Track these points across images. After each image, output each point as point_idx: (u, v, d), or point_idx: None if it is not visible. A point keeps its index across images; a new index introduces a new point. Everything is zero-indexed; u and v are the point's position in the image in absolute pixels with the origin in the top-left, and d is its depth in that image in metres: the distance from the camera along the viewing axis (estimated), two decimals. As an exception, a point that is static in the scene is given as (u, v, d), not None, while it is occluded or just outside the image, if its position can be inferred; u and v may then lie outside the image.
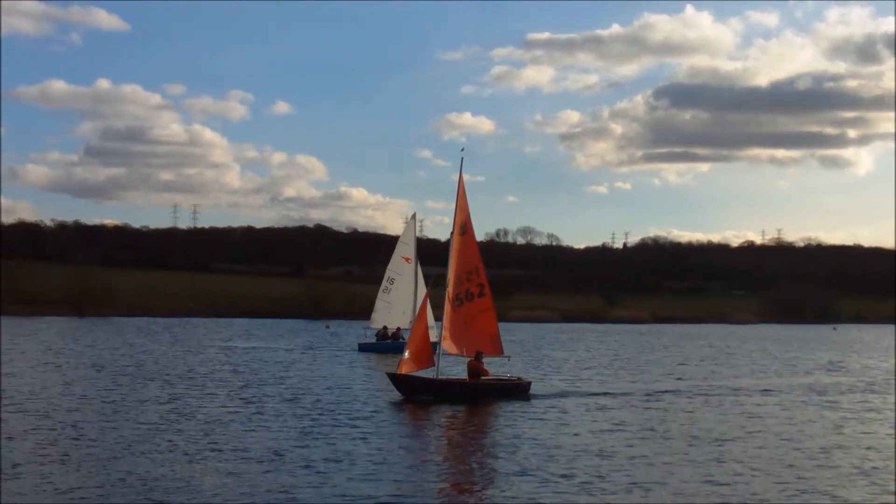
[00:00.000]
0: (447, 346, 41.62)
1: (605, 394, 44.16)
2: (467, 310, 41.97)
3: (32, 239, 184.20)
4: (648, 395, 44.55)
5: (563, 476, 24.52)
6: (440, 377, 41.03)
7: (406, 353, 40.39)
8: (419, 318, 41.54)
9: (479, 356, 41.38)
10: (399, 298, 72.84)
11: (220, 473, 24.22)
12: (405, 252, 74.59)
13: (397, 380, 40.46)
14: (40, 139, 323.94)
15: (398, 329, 72.68)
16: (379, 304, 73.79)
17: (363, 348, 72.49)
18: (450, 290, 41.82)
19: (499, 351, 42.52)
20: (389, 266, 74.72)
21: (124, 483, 22.69)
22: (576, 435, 31.46)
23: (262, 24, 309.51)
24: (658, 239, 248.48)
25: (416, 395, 40.02)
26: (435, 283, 45.88)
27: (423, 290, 71.90)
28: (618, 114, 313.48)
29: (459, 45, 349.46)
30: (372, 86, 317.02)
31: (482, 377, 41.20)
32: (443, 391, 40.34)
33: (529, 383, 43.02)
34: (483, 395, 40.68)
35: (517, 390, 41.79)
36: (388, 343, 71.92)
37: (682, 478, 24.66)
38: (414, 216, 77.70)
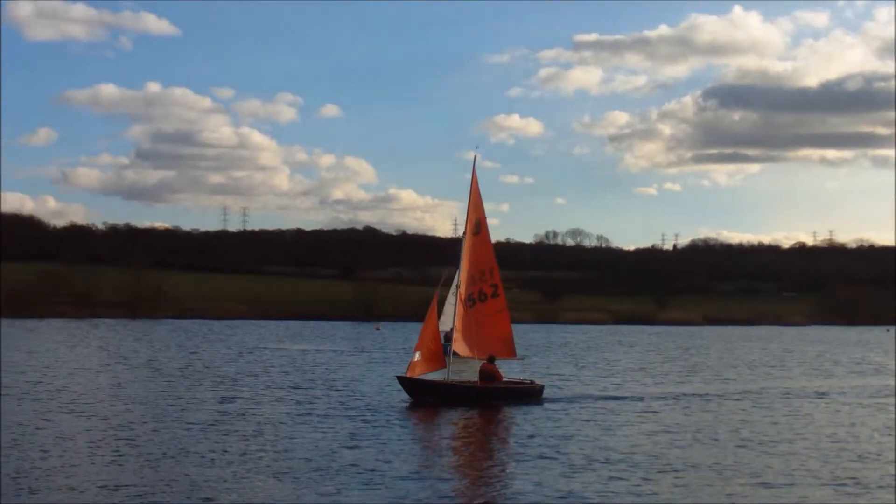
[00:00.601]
0: (458, 348, 40.60)
1: (636, 397, 43.81)
2: (480, 311, 40.95)
3: (84, 242, 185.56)
4: (699, 396, 44.35)
5: (614, 477, 24.48)
6: (451, 380, 39.84)
7: (416, 355, 39.24)
8: (429, 318, 40.11)
9: (491, 360, 40.24)
10: None
11: (267, 474, 24.35)
12: None
13: (407, 383, 39.40)
14: (91, 143, 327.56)
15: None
16: (448, 306, 73.40)
17: None
18: (462, 290, 40.98)
19: (512, 353, 41.33)
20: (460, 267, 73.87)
21: (174, 483, 22.77)
22: (625, 437, 31.39)
23: (311, 27, 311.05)
24: (708, 240, 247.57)
25: (426, 398, 38.85)
26: (445, 282, 44.00)
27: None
28: (666, 115, 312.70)
29: (507, 47, 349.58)
30: (420, 88, 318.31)
31: (495, 381, 40.08)
32: (453, 395, 39.17)
33: (542, 387, 41.76)
34: (495, 398, 39.47)
35: (530, 394, 40.68)
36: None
37: (730, 480, 24.53)
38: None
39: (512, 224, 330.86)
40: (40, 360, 60.00)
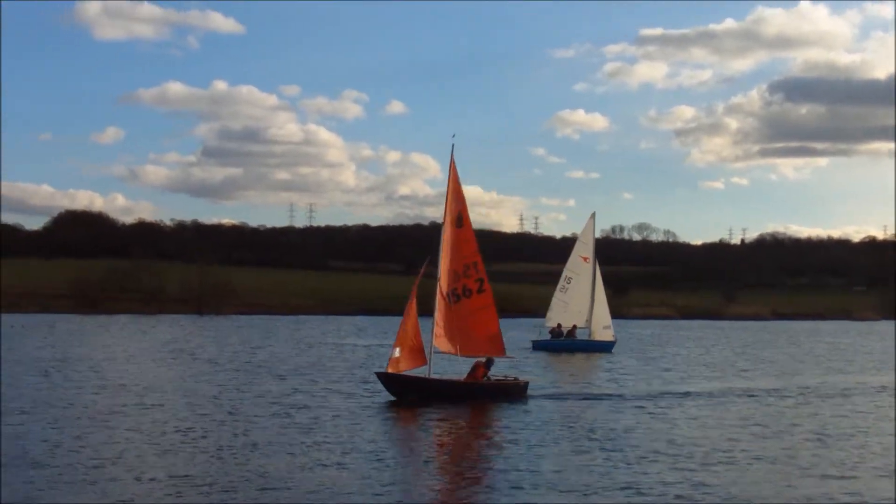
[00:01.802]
0: (440, 343, 38.59)
1: (692, 393, 43.54)
2: (465, 307, 39.09)
3: (152, 239, 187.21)
4: (769, 392, 43.99)
5: (676, 468, 24.31)
6: (433, 377, 38.38)
7: (396, 351, 37.40)
8: (408, 312, 38.31)
9: (489, 363, 38.69)
10: (576, 297, 72.08)
11: (323, 467, 24.40)
12: (583, 251, 73.87)
13: (387, 379, 37.83)
14: (159, 141, 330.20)
15: (573, 327, 71.84)
16: (555, 302, 72.92)
17: (537, 346, 71.35)
18: (442, 285, 39.08)
19: (500, 351, 39.40)
20: (567, 265, 73.91)
21: (230, 474, 22.85)
22: (701, 428, 31.18)
23: (376, 24, 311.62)
24: (776, 235, 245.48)
25: (407, 395, 37.30)
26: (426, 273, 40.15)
27: (601, 289, 72.22)
28: (733, 109, 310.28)
29: (572, 42, 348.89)
30: (485, 84, 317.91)
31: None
32: (437, 391, 37.73)
33: (527, 383, 40.18)
34: (478, 395, 38.14)
35: (514, 391, 39.15)
36: (562, 341, 71.30)
37: (785, 474, 24.29)
38: (593, 216, 75.59)
39: (578, 219, 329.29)
40: (110, 354, 60.67)
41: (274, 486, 21.73)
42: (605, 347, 70.13)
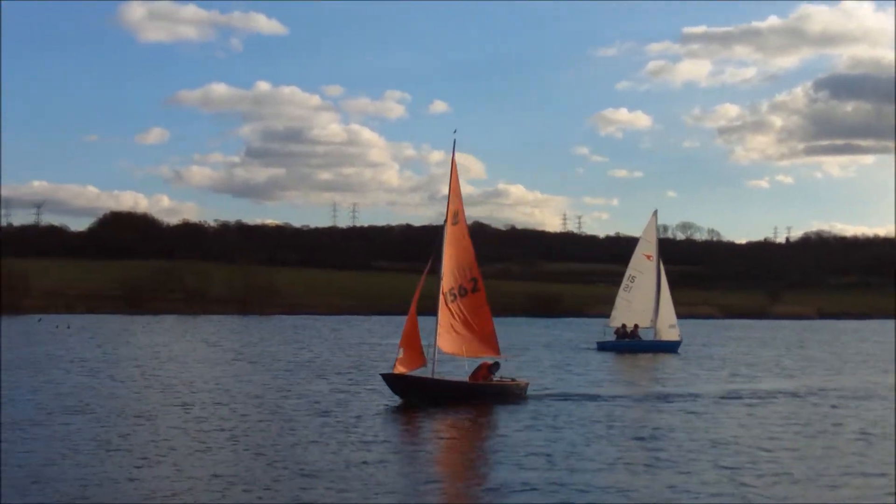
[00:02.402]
0: (442, 344, 37.81)
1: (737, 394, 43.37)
2: (462, 306, 38.56)
3: (196, 239, 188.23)
4: (810, 391, 43.80)
5: (723, 466, 24.27)
6: (435, 377, 37.49)
7: (401, 352, 36.98)
8: (411, 314, 37.71)
9: (495, 365, 38.10)
10: (640, 296, 71.51)
11: (363, 465, 24.51)
12: (647, 250, 72.98)
13: (389, 380, 37.30)
14: (202, 141, 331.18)
15: (636, 327, 71.17)
16: (619, 301, 72.32)
17: (602, 347, 70.95)
18: (443, 284, 38.49)
19: (496, 351, 38.81)
20: (631, 264, 73.17)
21: (272, 473, 22.97)
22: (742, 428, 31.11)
23: (418, 24, 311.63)
24: (821, 233, 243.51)
25: (407, 396, 36.78)
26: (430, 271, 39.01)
27: (665, 287, 71.55)
28: (777, 107, 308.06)
29: (614, 40, 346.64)
30: (528, 84, 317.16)
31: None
32: (436, 392, 36.91)
33: (527, 384, 39.67)
34: (478, 396, 37.41)
35: (514, 392, 38.44)
36: (627, 342, 70.73)
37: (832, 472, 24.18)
38: (655, 213, 74.46)
39: (621, 218, 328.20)
40: (155, 354, 61.12)
41: (315, 486, 21.80)
42: (671, 347, 69.57)
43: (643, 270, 72.20)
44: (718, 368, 55.93)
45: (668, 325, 70.83)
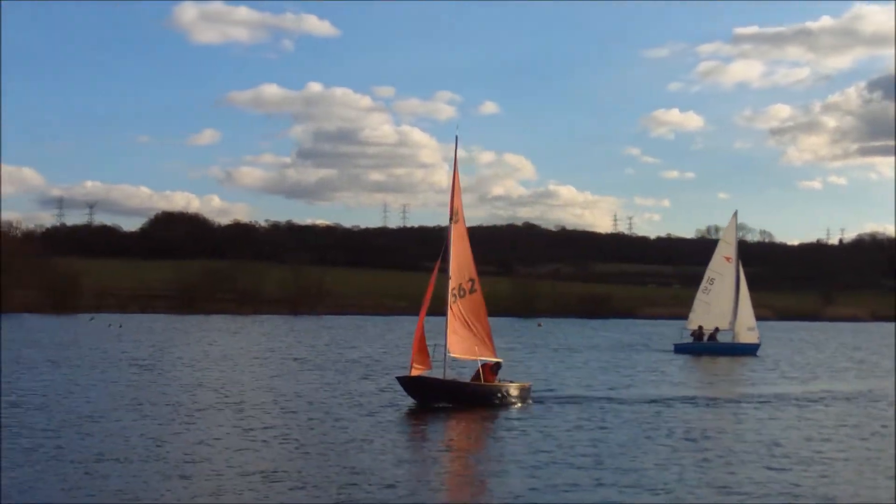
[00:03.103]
0: (453, 348, 36.73)
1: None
2: (462, 307, 37.49)
3: (247, 239, 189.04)
4: (861, 393, 43.33)
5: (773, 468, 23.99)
6: (452, 379, 36.87)
7: (413, 355, 36.14)
8: (421, 316, 36.83)
9: (497, 366, 37.35)
10: (719, 298, 70.79)
11: (411, 464, 24.52)
12: (726, 251, 72.54)
13: (401, 382, 36.50)
14: (254, 143, 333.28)
15: (716, 329, 70.33)
16: (697, 303, 71.64)
17: (679, 349, 70.02)
18: (452, 283, 37.51)
19: (493, 352, 37.79)
20: (710, 266, 72.56)
21: (321, 471, 22.90)
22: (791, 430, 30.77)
23: (468, 25, 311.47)
24: (875, 235, 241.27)
25: (418, 398, 35.87)
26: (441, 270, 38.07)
27: (744, 289, 70.54)
28: (830, 107, 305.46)
29: (665, 41, 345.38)
30: (579, 84, 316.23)
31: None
32: (463, 396, 36.02)
33: (530, 386, 38.91)
34: (482, 398, 36.47)
35: (521, 394, 37.44)
36: (704, 344, 69.86)
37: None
38: (735, 214, 74.67)
39: (673, 219, 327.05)
40: (208, 353, 61.41)
41: (363, 483, 21.73)
42: (749, 350, 68.59)
43: (722, 272, 71.49)
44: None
45: (747, 328, 69.83)
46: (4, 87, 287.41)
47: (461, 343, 36.95)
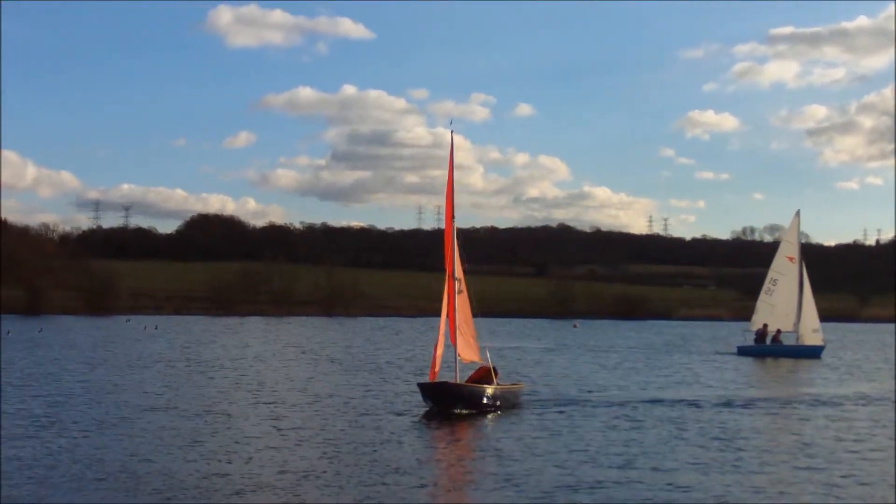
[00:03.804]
0: (462, 351, 35.61)
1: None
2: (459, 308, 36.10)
3: (282, 242, 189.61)
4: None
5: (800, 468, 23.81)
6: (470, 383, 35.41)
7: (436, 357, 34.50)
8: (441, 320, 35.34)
9: (495, 369, 35.91)
10: (782, 300, 68.85)
11: (450, 464, 24.45)
12: (788, 251, 70.78)
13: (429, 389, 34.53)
14: (289, 145, 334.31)
15: (778, 331, 68.31)
16: (760, 305, 69.90)
17: (742, 351, 68.74)
18: (458, 285, 36.50)
19: (478, 356, 36.55)
20: (772, 266, 70.60)
21: (348, 470, 22.88)
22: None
23: (503, 27, 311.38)
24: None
25: (459, 406, 33.93)
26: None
27: (808, 290, 68.86)
28: (867, 107, 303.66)
29: (700, 42, 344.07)
30: (613, 86, 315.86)
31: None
32: (477, 399, 34.55)
33: (524, 387, 38.30)
34: (504, 401, 35.26)
35: (521, 396, 36.92)
36: (768, 347, 67.99)
37: None
38: (798, 213, 72.58)
39: (708, 220, 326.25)
40: (243, 353, 61.61)
41: (398, 483, 21.68)
42: (814, 353, 66.78)
43: (785, 272, 69.64)
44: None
45: (812, 330, 68.07)
46: (41, 91, 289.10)
47: (465, 347, 35.90)
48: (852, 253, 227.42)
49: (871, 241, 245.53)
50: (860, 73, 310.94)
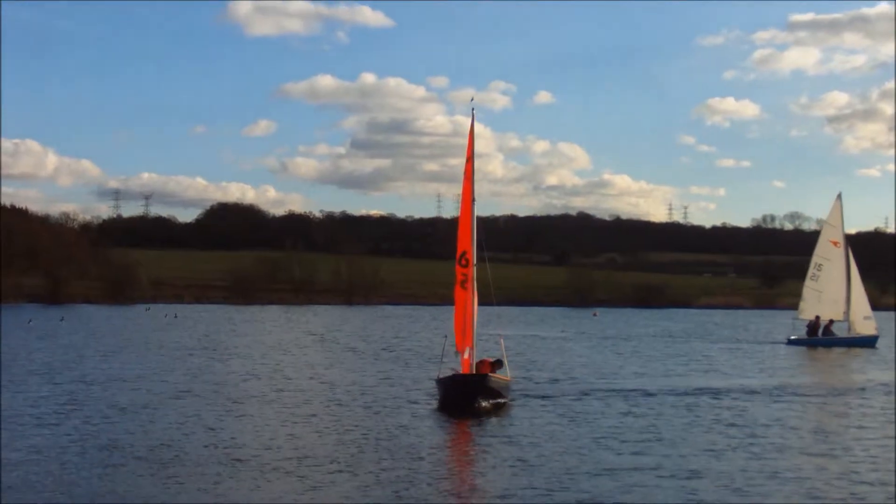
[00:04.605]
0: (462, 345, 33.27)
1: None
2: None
3: (302, 230, 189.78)
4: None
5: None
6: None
7: (467, 352, 32.92)
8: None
9: (498, 362, 34.59)
10: (829, 286, 66.05)
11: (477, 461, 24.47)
12: (832, 235, 68.32)
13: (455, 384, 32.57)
14: (309, 133, 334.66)
15: (831, 321, 65.36)
16: (807, 292, 67.17)
17: (793, 343, 65.41)
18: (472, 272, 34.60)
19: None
20: (816, 251, 68.41)
21: (368, 457, 22.97)
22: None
23: (523, 15, 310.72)
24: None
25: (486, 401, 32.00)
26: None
27: (856, 275, 66.34)
28: (888, 94, 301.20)
29: (720, 29, 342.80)
30: (633, 73, 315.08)
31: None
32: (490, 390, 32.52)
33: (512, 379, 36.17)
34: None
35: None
36: (821, 339, 64.97)
37: None
38: (839, 197, 69.69)
39: (728, 208, 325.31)
40: (263, 342, 61.79)
41: (420, 469, 21.75)
42: (868, 342, 63.75)
43: (830, 258, 67.10)
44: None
45: (863, 317, 65.44)
46: (63, 80, 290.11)
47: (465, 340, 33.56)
48: (873, 241, 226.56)
49: (891, 230, 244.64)
50: (881, 59, 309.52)
